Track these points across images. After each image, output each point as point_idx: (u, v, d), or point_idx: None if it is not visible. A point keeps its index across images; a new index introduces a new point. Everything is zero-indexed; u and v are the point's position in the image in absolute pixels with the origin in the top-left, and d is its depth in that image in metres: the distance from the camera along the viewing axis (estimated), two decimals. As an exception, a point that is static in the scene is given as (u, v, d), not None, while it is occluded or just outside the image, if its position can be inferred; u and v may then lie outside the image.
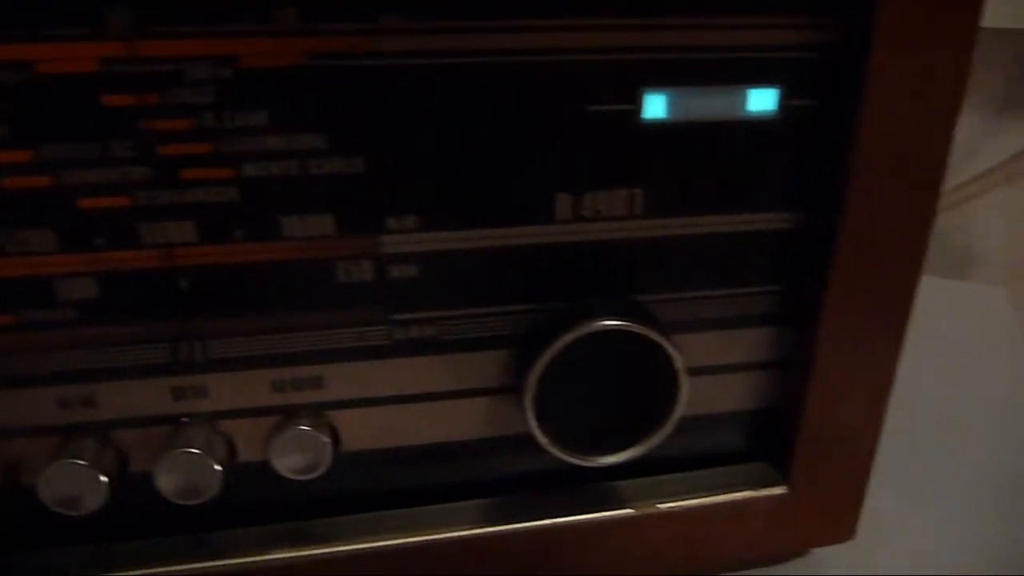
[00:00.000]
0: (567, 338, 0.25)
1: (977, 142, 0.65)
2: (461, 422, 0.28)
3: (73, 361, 0.25)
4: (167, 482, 0.26)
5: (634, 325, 0.26)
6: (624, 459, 0.27)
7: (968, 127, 0.64)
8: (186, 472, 0.26)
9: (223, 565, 0.28)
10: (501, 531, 0.29)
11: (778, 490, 0.31)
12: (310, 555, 0.28)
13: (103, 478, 0.25)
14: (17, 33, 0.21)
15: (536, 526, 0.29)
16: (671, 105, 0.25)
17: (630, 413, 0.27)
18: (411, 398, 0.28)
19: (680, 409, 0.27)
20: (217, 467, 0.26)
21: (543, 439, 0.26)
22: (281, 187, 0.24)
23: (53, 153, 0.23)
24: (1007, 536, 0.36)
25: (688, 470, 0.31)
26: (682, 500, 0.30)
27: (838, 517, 0.32)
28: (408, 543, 0.29)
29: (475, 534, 0.29)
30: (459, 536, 0.29)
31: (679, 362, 0.26)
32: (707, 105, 0.25)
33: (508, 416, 0.29)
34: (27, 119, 0.22)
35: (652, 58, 0.25)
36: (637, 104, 0.25)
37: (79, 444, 0.26)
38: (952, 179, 0.66)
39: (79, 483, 0.25)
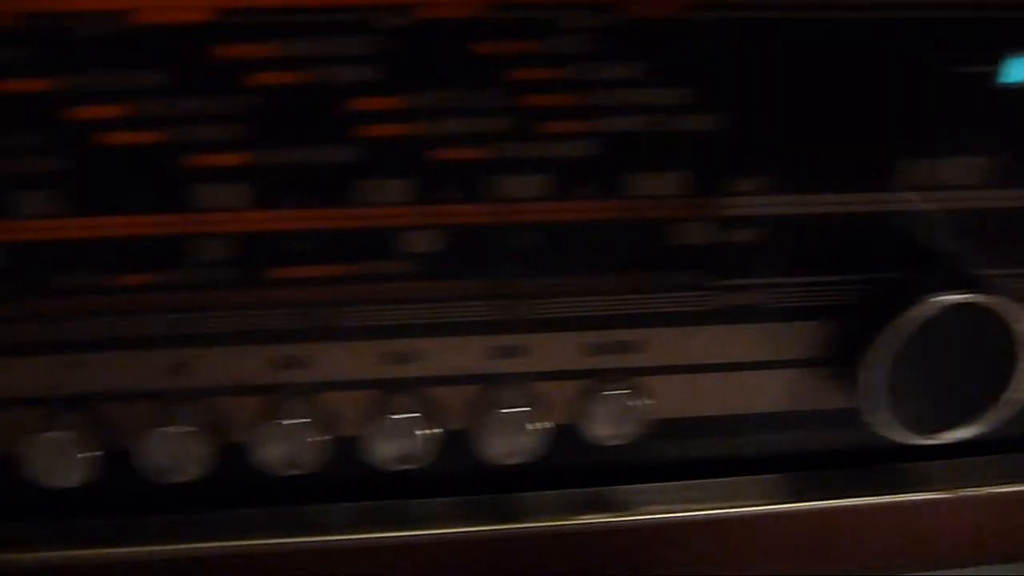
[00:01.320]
0: (922, 312, 0.24)
1: None
2: (770, 393, 0.27)
3: (402, 315, 0.25)
4: (491, 445, 0.25)
5: (990, 299, 0.24)
6: (961, 438, 0.26)
7: None
8: (504, 434, 0.25)
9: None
10: (798, 508, 0.28)
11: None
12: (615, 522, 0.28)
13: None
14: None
15: (833, 505, 0.28)
16: (1037, 68, 0.24)
17: (967, 390, 0.25)
18: (724, 367, 0.27)
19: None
20: (538, 427, 0.25)
21: (887, 416, 0.25)
22: (638, 143, 0.23)
23: (422, 101, 0.22)
24: None
25: (999, 454, 0.29)
26: (996, 486, 0.28)
27: None
28: (701, 516, 0.28)
29: (771, 511, 0.28)
30: (753, 512, 0.28)
31: (1025, 339, 0.25)
32: (1077, 69, 0.24)
33: (815, 389, 0.27)
34: (402, 65, 0.22)
35: (1018, 17, 0.23)
36: (996, 67, 0.24)
37: (397, 400, 0.25)
38: None
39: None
